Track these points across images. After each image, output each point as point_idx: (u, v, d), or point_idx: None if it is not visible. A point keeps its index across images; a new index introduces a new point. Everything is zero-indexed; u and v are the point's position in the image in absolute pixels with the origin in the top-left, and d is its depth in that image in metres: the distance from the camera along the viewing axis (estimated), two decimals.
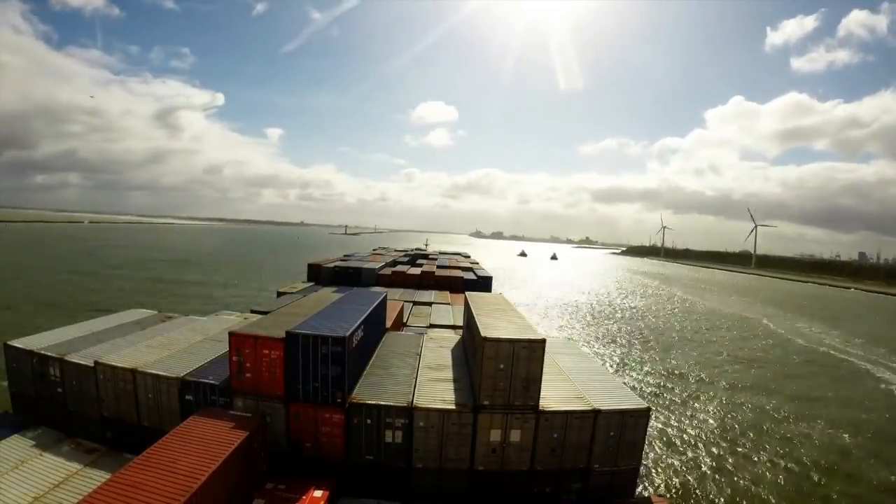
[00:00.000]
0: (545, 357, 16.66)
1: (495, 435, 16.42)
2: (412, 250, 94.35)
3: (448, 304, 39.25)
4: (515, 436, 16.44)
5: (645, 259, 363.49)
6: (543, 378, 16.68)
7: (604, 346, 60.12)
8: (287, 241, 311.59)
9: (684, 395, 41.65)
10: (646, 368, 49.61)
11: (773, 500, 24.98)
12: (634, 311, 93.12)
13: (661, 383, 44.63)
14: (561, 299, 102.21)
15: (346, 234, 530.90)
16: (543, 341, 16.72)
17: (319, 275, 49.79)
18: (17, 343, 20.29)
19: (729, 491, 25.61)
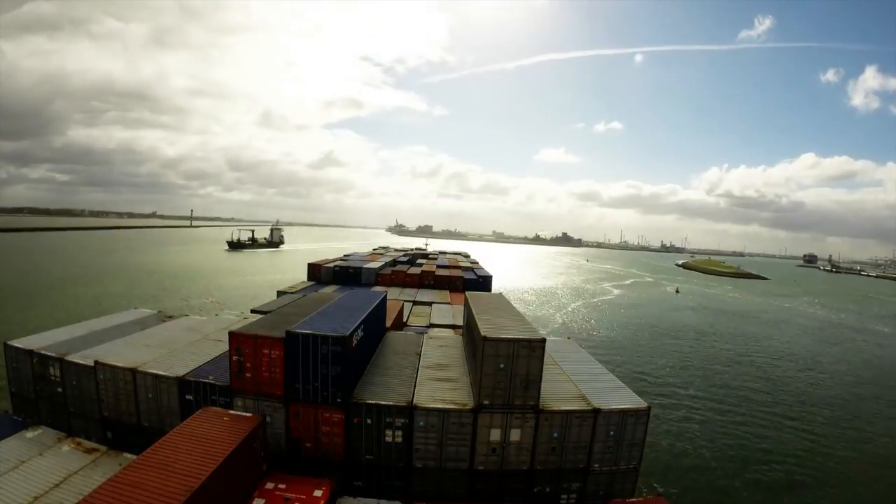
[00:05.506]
0: (545, 356, 16.63)
1: (495, 434, 16.41)
2: (412, 250, 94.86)
3: (448, 303, 39.31)
4: (515, 435, 16.43)
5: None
6: (543, 377, 16.66)
7: None
8: None
9: None
10: None
11: None
12: None
13: None
14: None
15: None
16: (543, 341, 16.68)
17: (319, 274, 49.88)
18: (17, 343, 20.31)
19: None
